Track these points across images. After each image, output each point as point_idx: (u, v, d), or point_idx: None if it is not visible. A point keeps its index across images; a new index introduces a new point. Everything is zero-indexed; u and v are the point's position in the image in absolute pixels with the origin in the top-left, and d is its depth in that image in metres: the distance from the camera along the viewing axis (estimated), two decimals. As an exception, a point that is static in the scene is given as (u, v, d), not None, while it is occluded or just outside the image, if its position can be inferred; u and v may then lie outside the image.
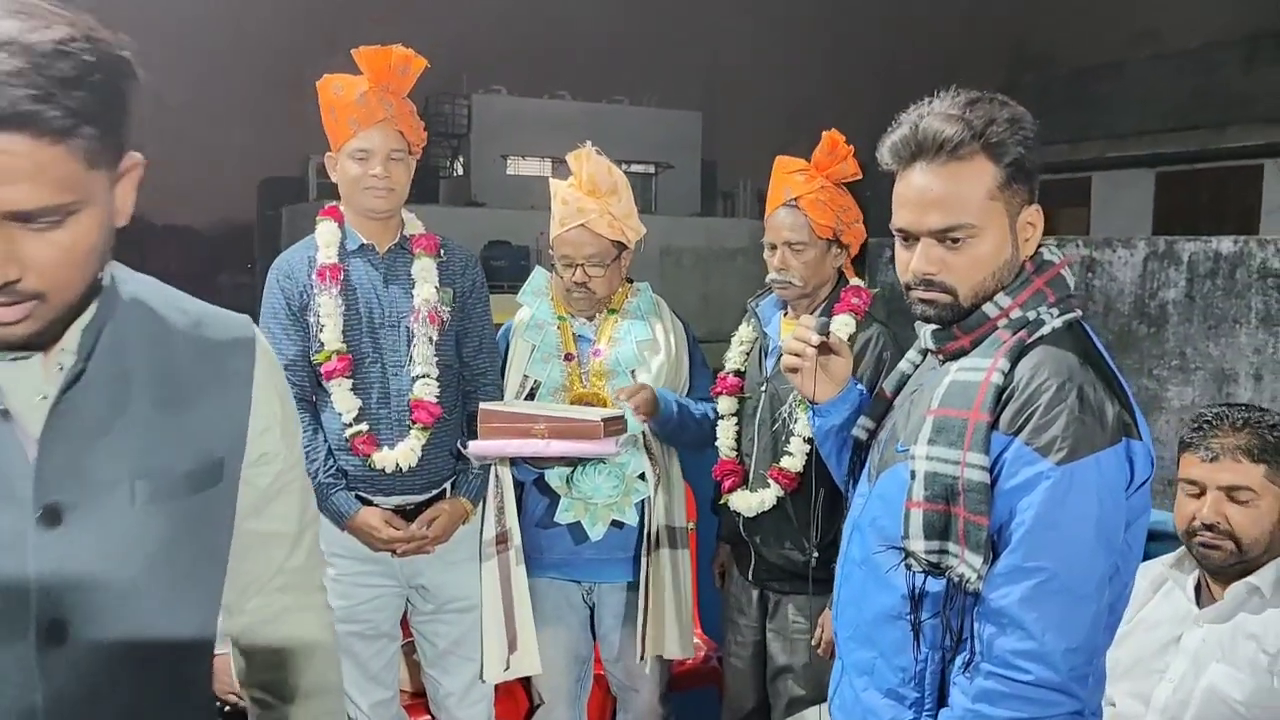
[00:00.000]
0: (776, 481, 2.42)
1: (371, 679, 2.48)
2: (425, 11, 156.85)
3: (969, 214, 1.45)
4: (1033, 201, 1.49)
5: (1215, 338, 8.41)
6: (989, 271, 1.47)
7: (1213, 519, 1.95)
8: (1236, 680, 1.91)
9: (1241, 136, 12.78)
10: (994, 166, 1.44)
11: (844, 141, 2.40)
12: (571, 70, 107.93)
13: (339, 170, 2.38)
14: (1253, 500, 1.94)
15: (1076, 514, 1.35)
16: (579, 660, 2.68)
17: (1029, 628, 1.35)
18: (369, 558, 2.42)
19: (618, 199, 2.54)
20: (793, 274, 2.41)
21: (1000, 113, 1.45)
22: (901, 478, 1.49)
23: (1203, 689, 1.93)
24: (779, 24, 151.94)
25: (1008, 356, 1.43)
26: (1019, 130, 1.45)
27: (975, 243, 1.46)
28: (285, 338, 2.34)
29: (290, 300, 2.36)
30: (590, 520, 2.54)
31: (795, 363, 1.78)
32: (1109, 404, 1.38)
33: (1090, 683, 1.40)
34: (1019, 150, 1.44)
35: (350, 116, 2.32)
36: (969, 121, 1.44)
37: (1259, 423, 1.98)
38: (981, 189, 1.45)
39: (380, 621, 2.48)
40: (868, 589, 1.57)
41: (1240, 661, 1.92)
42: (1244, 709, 1.89)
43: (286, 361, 2.28)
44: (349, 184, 2.37)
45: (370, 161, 2.33)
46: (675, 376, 2.64)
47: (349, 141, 2.34)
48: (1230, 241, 8.38)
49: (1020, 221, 1.48)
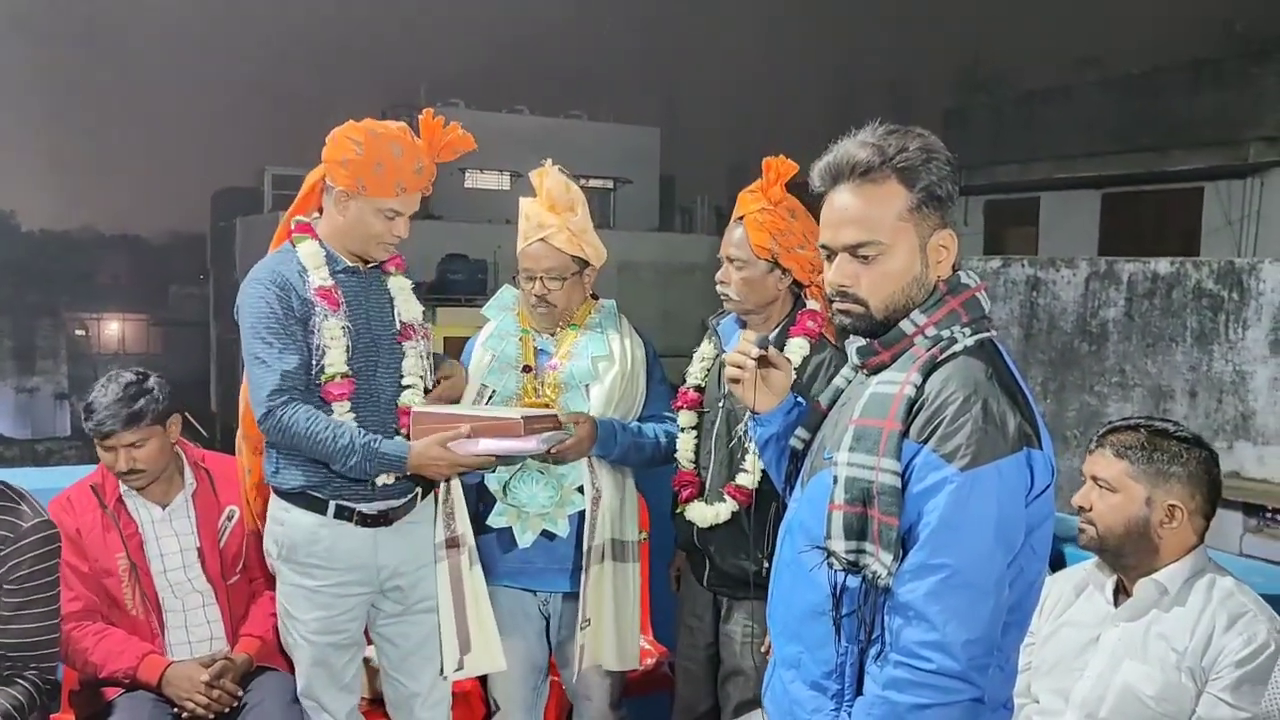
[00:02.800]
0: (732, 497, 2.49)
1: (343, 688, 2.52)
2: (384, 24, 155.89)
3: (879, 232, 1.59)
4: (945, 226, 1.62)
5: (1153, 355, 8.67)
6: (898, 286, 1.61)
7: (1081, 503, 2.14)
8: (1148, 676, 2.04)
9: (1183, 160, 13.14)
10: (905, 190, 1.58)
11: (778, 167, 2.46)
12: (530, 85, 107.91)
13: (352, 214, 2.38)
14: (1109, 492, 2.11)
15: (978, 516, 1.47)
16: (535, 669, 2.73)
17: (932, 620, 1.47)
18: (349, 567, 2.45)
19: (574, 215, 2.62)
20: (730, 288, 2.50)
21: (912, 143, 1.59)
22: (826, 483, 1.60)
23: (1118, 685, 2.06)
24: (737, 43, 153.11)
25: (920, 371, 1.55)
26: (931, 159, 1.58)
27: (884, 259, 1.60)
28: (291, 346, 2.34)
29: (289, 311, 2.35)
30: (520, 528, 2.60)
31: (736, 374, 1.89)
32: (1011, 416, 1.50)
33: (991, 673, 1.50)
34: (930, 178, 1.58)
35: (398, 180, 2.34)
36: (882, 148, 1.58)
37: (1147, 428, 2.14)
38: (892, 210, 1.59)
39: (354, 630, 2.53)
40: (795, 587, 1.68)
41: (1151, 659, 2.05)
42: (1154, 703, 2.02)
43: (289, 368, 2.31)
44: (364, 232, 2.39)
45: (397, 223, 2.39)
46: (631, 390, 2.69)
47: (386, 199, 2.35)
48: (1167, 263, 8.64)
49: (932, 244, 1.61)
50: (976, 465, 1.46)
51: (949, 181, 1.59)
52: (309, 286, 2.36)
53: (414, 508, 2.52)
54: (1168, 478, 2.09)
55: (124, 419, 2.53)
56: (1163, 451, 2.10)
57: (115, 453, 2.56)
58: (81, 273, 38.22)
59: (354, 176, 2.34)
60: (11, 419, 28.42)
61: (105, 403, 2.55)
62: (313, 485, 2.41)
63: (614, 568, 2.63)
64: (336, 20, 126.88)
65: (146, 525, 2.64)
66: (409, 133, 2.38)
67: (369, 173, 2.33)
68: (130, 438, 2.54)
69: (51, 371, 29.98)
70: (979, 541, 1.47)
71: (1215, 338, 8.30)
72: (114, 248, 42.78)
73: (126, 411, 2.54)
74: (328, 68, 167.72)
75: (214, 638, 2.67)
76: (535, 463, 2.59)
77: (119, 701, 2.55)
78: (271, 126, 26.00)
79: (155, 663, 2.55)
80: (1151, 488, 2.09)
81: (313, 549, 2.42)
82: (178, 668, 2.55)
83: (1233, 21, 14.62)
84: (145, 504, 2.66)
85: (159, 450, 2.60)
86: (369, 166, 2.32)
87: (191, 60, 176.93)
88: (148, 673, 2.54)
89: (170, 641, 2.64)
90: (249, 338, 2.34)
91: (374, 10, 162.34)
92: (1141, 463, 2.09)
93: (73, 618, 2.54)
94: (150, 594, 2.61)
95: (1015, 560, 1.52)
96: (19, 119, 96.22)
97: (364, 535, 2.45)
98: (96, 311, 37.56)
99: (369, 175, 2.33)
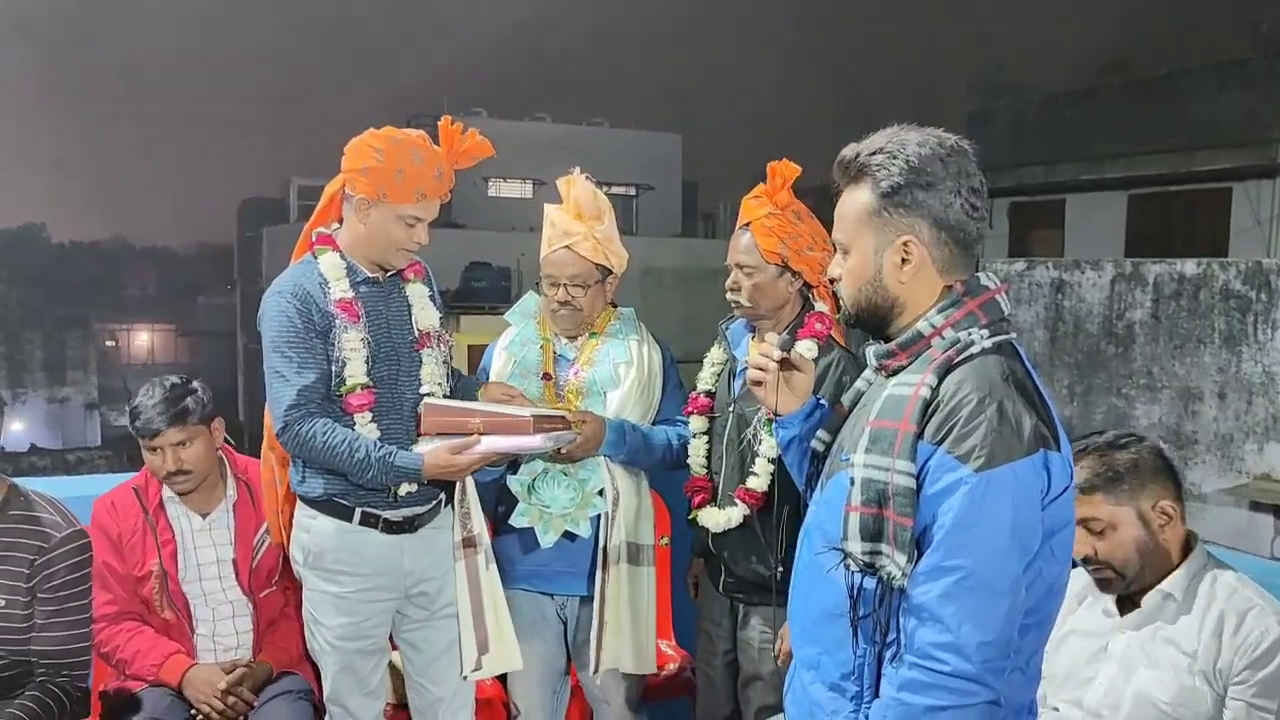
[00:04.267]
0: (743, 501, 2.51)
1: (369, 694, 2.54)
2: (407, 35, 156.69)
3: (841, 231, 1.66)
4: (913, 233, 1.59)
5: (1180, 357, 8.58)
6: (857, 286, 1.66)
7: (1084, 552, 2.06)
8: (1161, 683, 2.02)
9: (1210, 161, 13.02)
10: (868, 193, 1.61)
11: (783, 171, 2.48)
12: (552, 93, 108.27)
13: (372, 221, 2.39)
14: (1105, 528, 2.05)
15: (992, 517, 1.46)
16: (554, 673, 2.75)
17: (946, 621, 1.46)
18: (375, 573, 2.47)
19: (600, 224, 2.65)
20: (742, 294, 2.52)
21: (889, 145, 1.59)
22: (843, 484, 1.60)
23: (1132, 693, 2.05)
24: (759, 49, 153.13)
25: (935, 373, 1.55)
26: (901, 162, 1.57)
27: (850, 258, 1.65)
28: (310, 361, 2.36)
29: (309, 324, 2.36)
30: (544, 528, 2.62)
31: (759, 376, 1.89)
32: (1027, 417, 1.49)
33: (1009, 676, 1.49)
34: (895, 180, 1.57)
35: (419, 186, 2.36)
36: (860, 151, 1.62)
37: (1090, 453, 2.08)
38: (854, 211, 1.63)
39: (380, 636, 2.55)
40: (813, 589, 1.68)
41: (1163, 665, 2.04)
42: (1170, 709, 2.01)
43: (307, 383, 2.33)
44: (385, 240, 2.40)
45: (418, 229, 2.41)
46: (647, 396, 2.72)
47: (407, 206, 2.37)
48: (1194, 264, 8.56)
49: (890, 248, 1.61)
50: (991, 467, 1.46)
51: (927, 190, 1.57)
52: (330, 299, 2.38)
53: (438, 514, 2.54)
54: (1142, 485, 2.06)
55: (170, 417, 2.57)
56: (1121, 465, 2.07)
57: (162, 453, 2.59)
58: (111, 284, 38.71)
59: (375, 184, 2.36)
60: (43, 429, 28.77)
61: (151, 403, 2.59)
62: (338, 493, 2.43)
63: (629, 571, 2.64)
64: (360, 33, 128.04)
65: (185, 534, 2.67)
66: (428, 140, 2.41)
67: (390, 180, 2.35)
68: (176, 436, 2.58)
69: (82, 382, 30.32)
70: (994, 543, 1.46)
71: (1244, 339, 8.21)
72: (143, 259, 43.34)
73: (173, 410, 2.58)
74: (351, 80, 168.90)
75: (240, 647, 2.70)
76: (559, 465, 2.61)
77: (144, 694, 2.59)
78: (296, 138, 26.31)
79: (178, 663, 2.60)
80: (1136, 502, 2.06)
81: (339, 555, 2.44)
82: (198, 671, 2.59)
83: (1259, 22, 14.48)
84: (187, 512, 2.68)
85: (205, 451, 2.63)
86: (390, 173, 2.35)
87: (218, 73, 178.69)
88: (169, 673, 2.58)
89: (198, 649, 2.67)
90: (269, 351, 2.37)
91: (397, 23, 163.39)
92: (1113, 487, 2.05)
93: (108, 619, 2.58)
94: (180, 601, 2.64)
95: (1034, 563, 1.51)
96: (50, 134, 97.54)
97: (389, 542, 2.47)
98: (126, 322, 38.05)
99: (390, 182, 2.35)
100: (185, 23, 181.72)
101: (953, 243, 1.60)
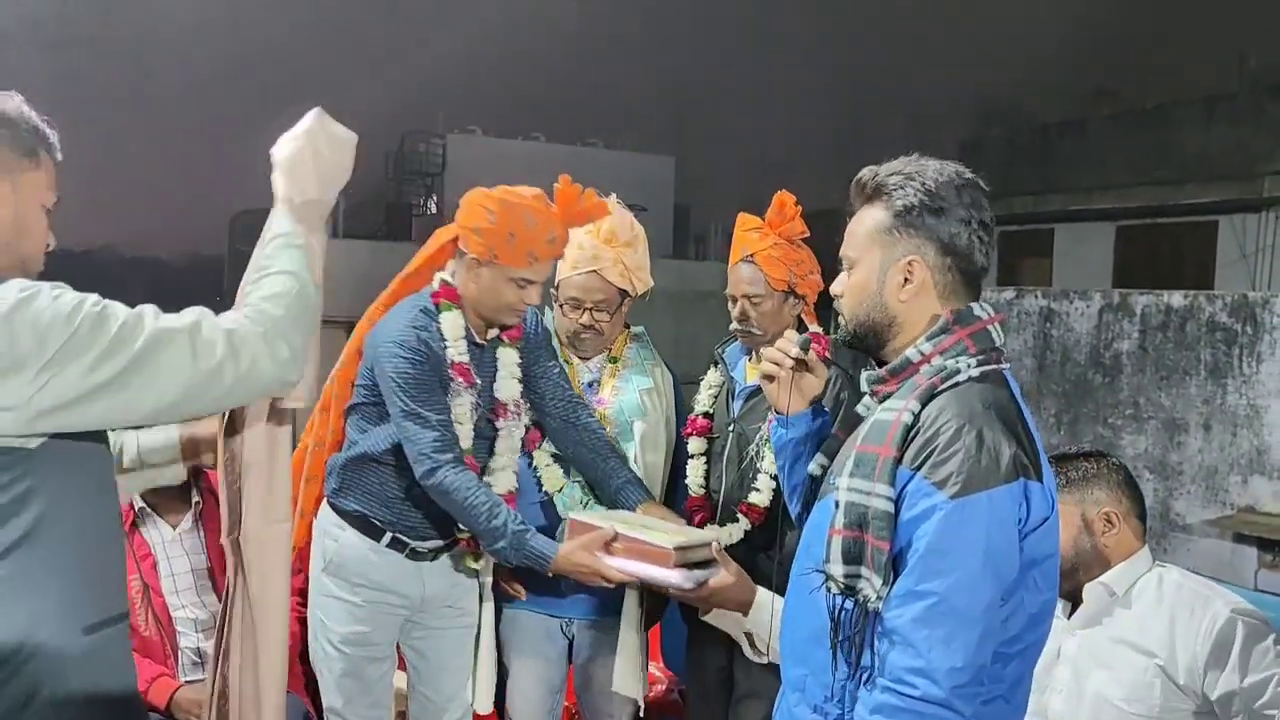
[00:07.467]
0: (745, 515, 2.55)
1: (375, 703, 2.55)
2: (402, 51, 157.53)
3: (851, 247, 1.69)
4: (919, 255, 1.64)
5: (1167, 388, 8.63)
6: (858, 301, 1.69)
7: None
8: (1115, 681, 2.12)
9: (1197, 194, 13.14)
10: (882, 212, 1.65)
11: (793, 202, 2.54)
12: (547, 112, 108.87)
13: (485, 280, 2.37)
14: None
15: (966, 543, 1.48)
16: (552, 690, 2.77)
17: (918, 646, 1.48)
18: (394, 591, 2.48)
19: (633, 250, 2.67)
20: (753, 324, 2.56)
21: (905, 168, 1.64)
22: (829, 507, 1.62)
23: (1090, 696, 2.14)
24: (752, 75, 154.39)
25: (919, 399, 1.58)
26: (917, 185, 1.62)
27: (854, 273, 1.69)
28: (444, 409, 2.35)
29: (434, 376, 2.35)
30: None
31: (773, 371, 1.91)
32: (1006, 446, 1.51)
33: (980, 704, 1.50)
34: (909, 201, 1.62)
35: (531, 250, 2.32)
36: (877, 172, 1.66)
37: (1055, 458, 2.19)
38: (865, 228, 1.67)
39: (389, 644, 2.56)
40: (800, 610, 1.71)
41: (1115, 663, 2.13)
42: (1125, 704, 2.09)
43: (447, 430, 2.32)
44: (495, 300, 2.38)
45: (529, 291, 2.37)
46: (669, 429, 2.75)
47: (519, 269, 2.33)
48: (1181, 295, 8.62)
49: (895, 266, 1.65)
50: (966, 494, 1.47)
51: (938, 215, 1.62)
52: (448, 360, 2.37)
53: (458, 544, 2.56)
54: (1089, 490, 2.21)
55: None
56: (1073, 470, 2.23)
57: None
58: (101, 293, 38.37)
59: (486, 245, 2.32)
60: (28, 438, 28.54)
61: None
62: (373, 514, 2.45)
63: (632, 594, 2.66)
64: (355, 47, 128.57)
65: (158, 545, 2.69)
66: (544, 200, 2.37)
67: (501, 242, 2.31)
68: None
69: (68, 391, 30.11)
70: (967, 570, 1.47)
71: (1229, 371, 8.27)
72: (133, 269, 43.22)
73: None
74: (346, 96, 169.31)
75: None
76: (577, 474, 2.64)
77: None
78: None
79: (165, 686, 2.61)
80: (1080, 505, 2.20)
81: (362, 569, 2.45)
82: (184, 692, 2.61)
83: (1247, 56, 14.65)
84: (157, 523, 2.70)
85: None
86: (501, 236, 2.31)
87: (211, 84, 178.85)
88: (157, 696, 2.59)
89: (183, 663, 2.68)
90: (398, 393, 2.31)
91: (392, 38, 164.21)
92: (1061, 489, 2.15)
93: None
94: (163, 615, 2.65)
95: (1015, 593, 1.52)
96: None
97: (411, 567, 2.49)
98: (114, 332, 37.76)
99: (501, 244, 2.31)
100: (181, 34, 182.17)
101: (957, 270, 1.65)
